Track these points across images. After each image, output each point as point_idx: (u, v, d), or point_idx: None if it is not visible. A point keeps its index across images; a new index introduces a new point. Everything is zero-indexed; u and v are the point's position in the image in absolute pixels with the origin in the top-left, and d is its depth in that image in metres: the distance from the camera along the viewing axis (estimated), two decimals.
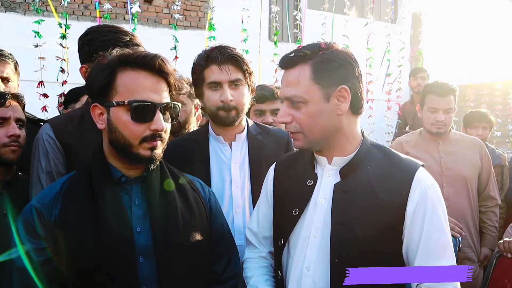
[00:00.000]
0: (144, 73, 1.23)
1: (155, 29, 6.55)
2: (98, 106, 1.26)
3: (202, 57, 1.75)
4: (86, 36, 1.69)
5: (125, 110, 1.21)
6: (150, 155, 1.24)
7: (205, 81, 1.72)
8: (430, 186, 1.26)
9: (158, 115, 1.22)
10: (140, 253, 1.22)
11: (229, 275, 1.44)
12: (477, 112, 3.85)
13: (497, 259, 2.29)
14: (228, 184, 1.74)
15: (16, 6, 6.10)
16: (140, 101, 1.20)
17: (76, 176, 1.30)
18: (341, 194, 1.27)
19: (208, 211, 1.42)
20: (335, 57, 1.25)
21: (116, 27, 1.73)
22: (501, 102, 6.52)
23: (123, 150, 1.24)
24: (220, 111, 1.71)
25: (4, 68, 2.21)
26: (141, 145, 1.22)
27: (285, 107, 1.28)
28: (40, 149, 1.60)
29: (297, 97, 1.25)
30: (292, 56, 1.28)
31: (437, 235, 1.23)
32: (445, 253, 1.23)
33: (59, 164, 1.59)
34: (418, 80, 4.92)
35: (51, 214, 1.21)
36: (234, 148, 1.79)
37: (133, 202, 1.27)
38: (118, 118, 1.22)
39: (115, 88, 1.22)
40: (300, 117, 1.26)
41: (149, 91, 1.22)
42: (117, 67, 1.23)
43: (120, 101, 1.20)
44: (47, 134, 1.61)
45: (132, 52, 1.26)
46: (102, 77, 1.23)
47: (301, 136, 1.28)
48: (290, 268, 1.35)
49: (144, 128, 1.22)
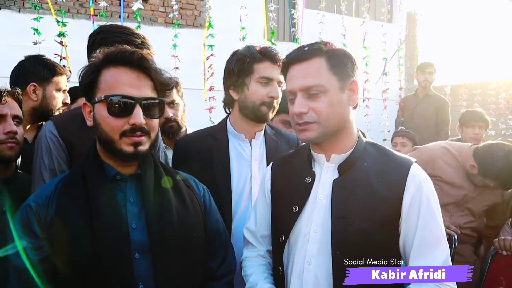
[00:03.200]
0: (124, 69, 1.24)
1: (151, 27, 6.54)
2: (87, 104, 1.30)
3: (253, 51, 1.78)
4: (97, 34, 1.69)
5: (104, 105, 1.22)
6: (134, 151, 1.24)
7: (255, 74, 1.76)
8: (424, 180, 1.31)
9: (137, 109, 1.22)
10: (135, 250, 1.23)
11: (224, 271, 1.45)
12: (473, 111, 3.88)
13: (493, 256, 2.32)
14: (248, 181, 1.78)
15: (11, 4, 6.05)
16: (116, 96, 1.21)
17: (70, 175, 1.31)
18: (340, 190, 1.31)
19: (203, 208, 1.43)
20: (343, 53, 1.34)
21: (128, 28, 1.73)
22: (494, 101, 6.59)
23: (108, 145, 1.25)
24: (263, 106, 1.76)
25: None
26: (122, 140, 1.23)
27: (301, 98, 1.30)
28: (43, 147, 1.59)
29: (319, 85, 1.28)
30: (307, 49, 1.32)
31: (432, 226, 1.28)
32: (440, 244, 1.28)
33: (62, 162, 1.58)
34: (426, 75, 4.91)
35: (47, 213, 1.22)
36: (254, 145, 1.84)
37: (127, 200, 1.28)
38: (100, 114, 1.24)
39: (98, 85, 1.25)
40: (320, 106, 1.28)
41: (128, 86, 1.23)
42: (102, 66, 1.26)
43: (100, 97, 1.23)
44: (50, 131, 1.60)
45: (114, 50, 1.27)
46: (88, 75, 1.26)
47: (316, 126, 1.30)
48: (292, 264, 1.37)
49: (123, 122, 1.22)
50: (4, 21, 5.80)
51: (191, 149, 1.82)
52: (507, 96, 6.65)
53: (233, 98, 1.82)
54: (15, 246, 1.20)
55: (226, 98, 1.89)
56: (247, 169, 1.80)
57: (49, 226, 1.20)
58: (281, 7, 6.94)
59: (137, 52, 1.26)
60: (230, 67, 1.82)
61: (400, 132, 4.32)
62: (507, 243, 2.25)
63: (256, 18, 4.64)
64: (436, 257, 1.25)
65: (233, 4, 4.45)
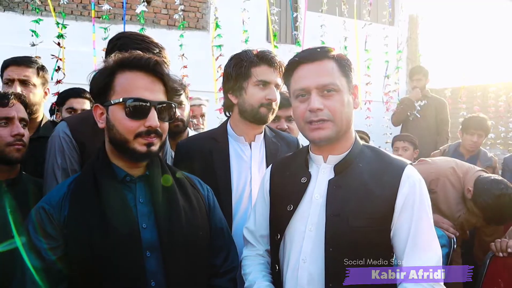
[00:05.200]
0: (140, 73, 1.30)
1: (154, 29, 6.57)
2: (99, 106, 1.33)
3: (250, 55, 1.81)
4: (118, 40, 1.72)
5: (121, 108, 1.27)
6: (147, 151, 1.28)
7: (252, 78, 1.78)
8: (418, 181, 1.33)
9: (152, 112, 1.27)
10: (146, 248, 1.27)
11: (227, 268, 1.49)
12: (475, 118, 3.90)
13: (491, 259, 2.33)
14: (248, 183, 1.81)
15: (14, 6, 6.10)
16: (134, 99, 1.26)
17: (81, 177, 1.35)
18: (335, 189, 1.34)
19: (207, 207, 1.48)
20: (347, 58, 1.40)
21: (148, 37, 1.77)
22: (494, 104, 6.61)
23: (120, 146, 1.29)
24: (262, 108, 1.79)
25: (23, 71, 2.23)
26: (136, 140, 1.27)
27: (317, 95, 1.33)
28: (56, 146, 1.63)
29: (333, 84, 1.32)
30: (319, 51, 1.37)
31: (424, 226, 1.30)
32: (432, 244, 1.30)
33: (74, 161, 1.62)
34: (413, 82, 4.99)
35: (60, 215, 1.26)
36: (254, 148, 1.86)
37: (137, 200, 1.32)
38: (115, 116, 1.28)
39: (113, 88, 1.29)
40: (334, 104, 1.32)
41: (143, 90, 1.28)
42: (116, 69, 1.30)
43: (117, 99, 1.27)
44: (63, 132, 1.64)
45: (129, 55, 1.32)
46: (102, 78, 1.30)
47: (331, 124, 1.33)
48: (287, 261, 1.40)
49: (139, 124, 1.27)
50: (7, 22, 5.85)
51: (192, 152, 1.85)
52: (507, 98, 6.67)
53: (232, 102, 1.85)
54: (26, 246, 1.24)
55: (225, 102, 1.92)
56: (247, 171, 1.82)
57: (63, 226, 1.25)
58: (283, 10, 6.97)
59: (153, 58, 1.31)
60: (228, 71, 1.85)
61: (401, 136, 4.31)
62: (504, 245, 2.28)
63: (258, 21, 4.67)
64: (430, 257, 1.27)
65: (235, 7, 4.48)
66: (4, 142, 1.68)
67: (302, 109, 1.35)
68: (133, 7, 5.75)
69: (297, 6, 7.10)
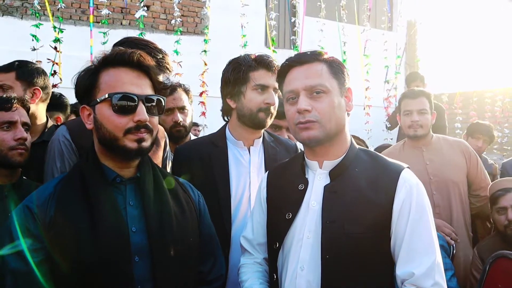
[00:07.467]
0: (124, 69, 1.26)
1: (152, 34, 6.58)
2: (85, 107, 1.29)
3: (248, 59, 1.82)
4: (122, 44, 1.72)
5: (108, 105, 1.23)
6: (138, 147, 1.24)
7: (250, 82, 1.79)
8: (415, 185, 1.31)
9: (140, 106, 1.24)
10: (135, 253, 1.23)
11: (215, 276, 1.47)
12: (483, 125, 4.03)
13: (491, 263, 2.33)
14: (247, 187, 1.80)
15: (13, 10, 6.10)
16: (120, 93, 1.23)
17: (68, 177, 1.30)
18: (331, 195, 1.33)
19: (198, 213, 1.45)
20: (339, 61, 1.40)
21: (152, 43, 1.77)
22: (490, 109, 6.65)
23: (110, 145, 1.25)
24: (260, 113, 1.79)
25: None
26: (126, 137, 1.23)
27: (305, 97, 1.33)
28: (55, 150, 1.63)
29: (322, 85, 1.32)
30: (309, 54, 1.37)
31: (421, 231, 1.27)
32: (429, 249, 1.26)
33: (72, 165, 1.60)
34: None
35: (46, 215, 1.20)
36: (253, 153, 1.86)
37: (127, 203, 1.28)
38: (103, 114, 1.24)
39: (98, 87, 1.26)
40: (322, 106, 1.31)
41: (129, 84, 1.25)
42: (100, 68, 1.27)
43: (103, 96, 1.23)
44: (63, 136, 1.64)
45: (112, 52, 1.29)
46: (86, 78, 1.27)
47: (318, 125, 1.32)
48: (285, 270, 1.38)
49: (128, 120, 1.23)
50: (6, 27, 5.85)
51: (192, 156, 1.84)
52: (503, 104, 6.72)
53: (231, 106, 1.85)
54: (11, 247, 1.18)
55: (224, 107, 1.91)
56: (246, 176, 1.82)
57: (49, 227, 1.19)
58: (281, 15, 7.01)
59: (136, 52, 1.28)
60: (226, 76, 1.85)
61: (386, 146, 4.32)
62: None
63: (256, 26, 4.69)
64: (423, 262, 1.24)
65: (234, 12, 4.49)
66: (7, 146, 1.68)
67: (292, 111, 1.35)
68: (132, 12, 5.76)
69: (296, 11, 7.13)
